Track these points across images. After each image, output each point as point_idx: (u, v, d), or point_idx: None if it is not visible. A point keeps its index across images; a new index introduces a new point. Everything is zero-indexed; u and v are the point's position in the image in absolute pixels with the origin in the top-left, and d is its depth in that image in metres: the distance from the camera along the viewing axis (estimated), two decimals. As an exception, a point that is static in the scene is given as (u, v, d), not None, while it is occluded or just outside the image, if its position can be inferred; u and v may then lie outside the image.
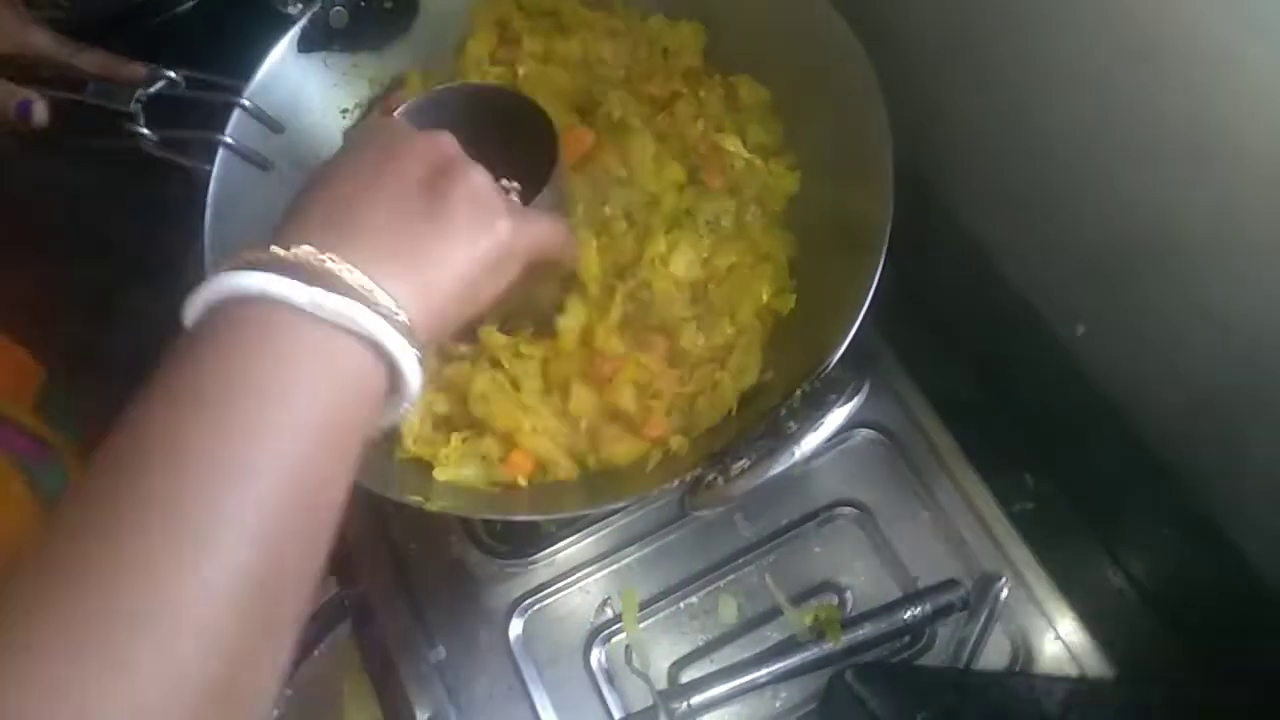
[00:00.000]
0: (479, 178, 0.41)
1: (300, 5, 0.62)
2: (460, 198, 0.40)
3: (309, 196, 0.39)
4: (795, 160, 0.64)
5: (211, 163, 0.57)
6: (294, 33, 0.60)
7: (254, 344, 0.33)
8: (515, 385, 0.58)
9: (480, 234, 0.40)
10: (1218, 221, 0.49)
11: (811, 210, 0.63)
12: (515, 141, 0.50)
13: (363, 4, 0.62)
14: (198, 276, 0.35)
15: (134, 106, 0.55)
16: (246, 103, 0.58)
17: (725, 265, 0.60)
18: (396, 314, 0.36)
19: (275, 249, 0.35)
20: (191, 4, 0.70)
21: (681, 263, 0.59)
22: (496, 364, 0.58)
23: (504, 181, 0.45)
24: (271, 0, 0.63)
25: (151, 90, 0.56)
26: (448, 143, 0.42)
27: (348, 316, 0.34)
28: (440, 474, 0.56)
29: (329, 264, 0.35)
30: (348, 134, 0.65)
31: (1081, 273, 0.60)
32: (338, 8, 0.61)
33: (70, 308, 0.73)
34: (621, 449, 0.57)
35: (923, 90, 0.62)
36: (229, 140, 0.57)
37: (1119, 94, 0.51)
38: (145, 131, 0.56)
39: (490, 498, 0.57)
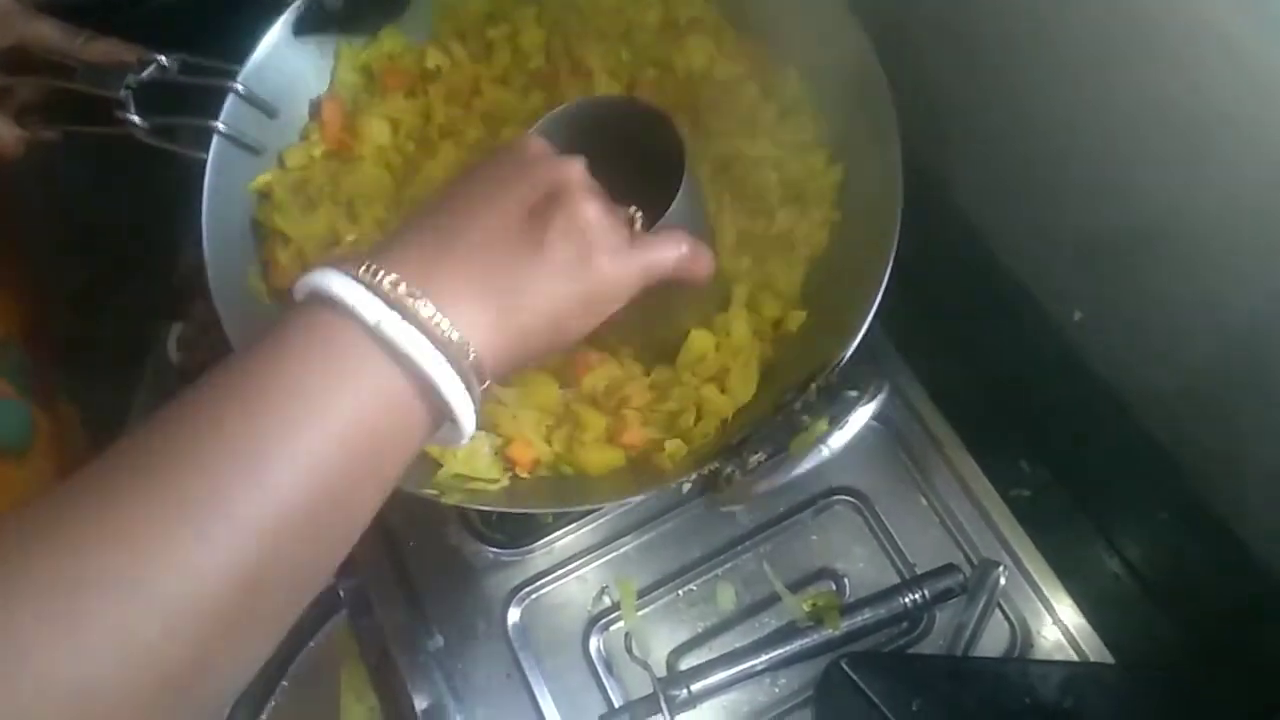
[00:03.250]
0: (589, 209, 0.40)
1: (295, -12, 0.61)
2: (560, 230, 0.39)
3: (421, 212, 0.40)
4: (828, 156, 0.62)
5: (202, 150, 0.56)
6: (289, 16, 0.59)
7: (313, 347, 0.34)
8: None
9: (576, 270, 0.39)
10: (1216, 206, 0.49)
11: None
12: (648, 155, 0.48)
13: (357, -13, 0.61)
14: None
15: (124, 93, 0.54)
16: (240, 87, 0.57)
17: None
18: (465, 352, 0.36)
19: (367, 267, 0.35)
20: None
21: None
22: None
23: (633, 210, 0.44)
24: (266, -16, 0.61)
25: (143, 75, 0.55)
26: (569, 167, 0.41)
27: (408, 347, 0.34)
28: (448, 468, 0.55)
29: (403, 293, 0.35)
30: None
31: (1079, 258, 0.60)
32: (332, -9, 0.61)
33: (59, 297, 0.72)
34: (595, 456, 0.56)
35: (921, 78, 0.62)
36: (222, 126, 0.57)
37: (1118, 80, 0.50)
38: (136, 118, 0.55)
39: (503, 491, 0.56)
